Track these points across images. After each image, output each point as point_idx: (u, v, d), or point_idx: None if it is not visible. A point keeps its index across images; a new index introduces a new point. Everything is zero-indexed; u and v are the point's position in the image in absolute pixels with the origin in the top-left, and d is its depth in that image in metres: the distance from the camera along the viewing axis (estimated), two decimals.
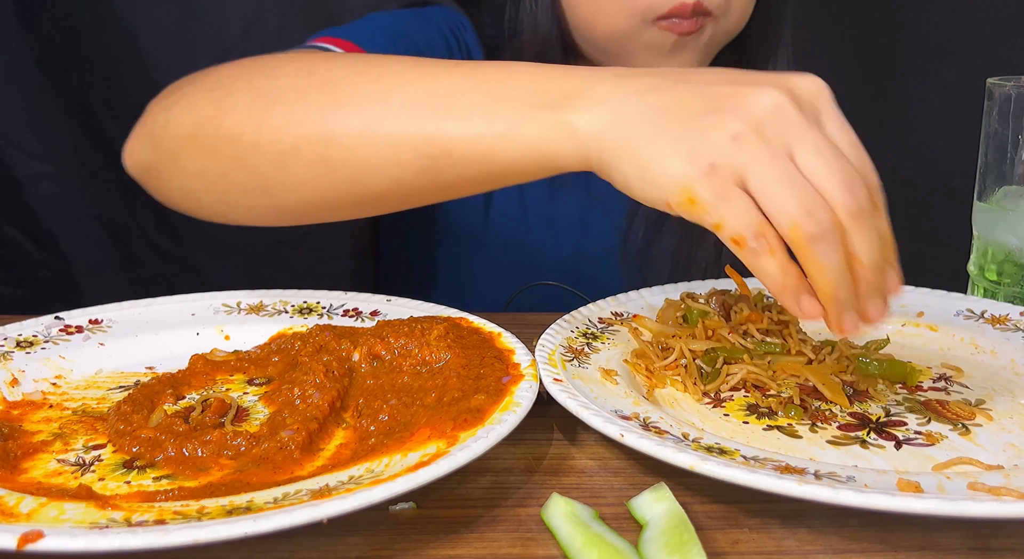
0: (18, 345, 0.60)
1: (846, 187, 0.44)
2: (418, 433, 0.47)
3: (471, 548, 0.42)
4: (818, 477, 0.43)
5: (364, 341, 0.58)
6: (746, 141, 0.44)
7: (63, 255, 1.16)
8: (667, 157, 0.45)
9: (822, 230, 0.44)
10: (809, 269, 0.45)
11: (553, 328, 0.61)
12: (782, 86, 0.46)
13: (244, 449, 0.49)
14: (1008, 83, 0.70)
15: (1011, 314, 0.67)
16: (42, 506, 0.41)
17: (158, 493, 0.43)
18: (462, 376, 0.53)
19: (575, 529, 0.42)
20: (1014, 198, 0.72)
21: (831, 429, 0.53)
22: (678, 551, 0.39)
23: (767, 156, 0.44)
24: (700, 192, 0.44)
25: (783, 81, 0.47)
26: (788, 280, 0.46)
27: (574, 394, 0.51)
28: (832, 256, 0.45)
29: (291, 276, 0.87)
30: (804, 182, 0.44)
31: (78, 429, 0.52)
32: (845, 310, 0.47)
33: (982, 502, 0.40)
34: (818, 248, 0.44)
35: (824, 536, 0.43)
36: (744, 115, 0.45)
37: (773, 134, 0.44)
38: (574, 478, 0.49)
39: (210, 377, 0.59)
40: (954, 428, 0.53)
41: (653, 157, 0.46)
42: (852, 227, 0.45)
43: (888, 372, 0.59)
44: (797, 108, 0.45)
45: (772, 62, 0.89)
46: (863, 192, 0.45)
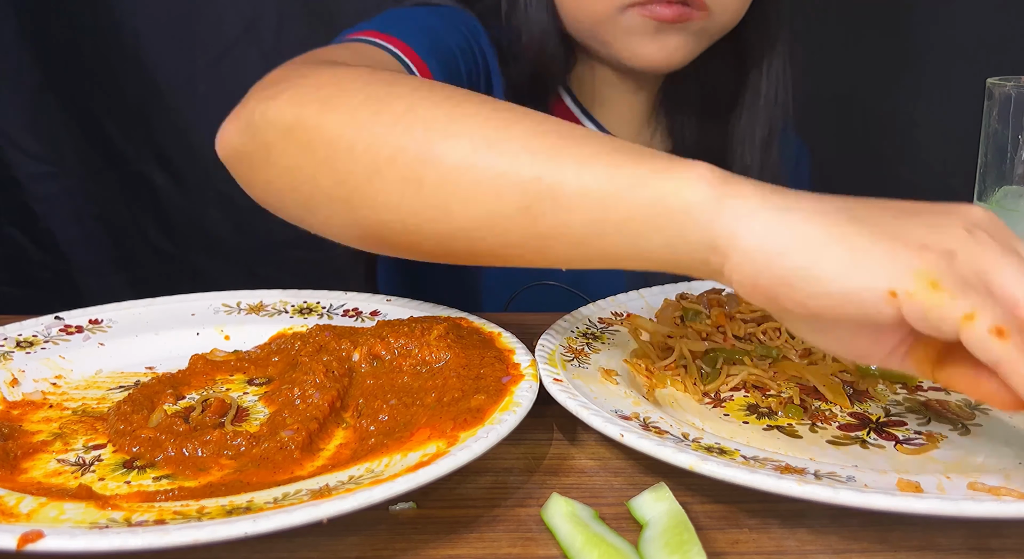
0: (18, 345, 0.60)
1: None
2: (418, 433, 0.47)
3: (471, 548, 0.42)
4: (818, 477, 0.43)
5: (364, 341, 0.58)
6: (980, 236, 0.41)
7: (63, 255, 1.16)
8: (889, 244, 0.40)
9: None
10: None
11: (553, 328, 0.61)
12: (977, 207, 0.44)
13: (244, 449, 0.49)
14: (1008, 83, 0.70)
15: None
16: (42, 506, 0.41)
17: (158, 493, 0.43)
18: (462, 376, 0.53)
19: (575, 529, 0.42)
20: (1014, 198, 0.72)
21: (831, 429, 0.53)
22: (678, 551, 0.39)
23: (1002, 249, 0.40)
24: (945, 281, 0.39)
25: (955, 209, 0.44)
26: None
27: (574, 394, 0.51)
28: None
29: (291, 276, 0.87)
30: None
31: (78, 429, 0.52)
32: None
33: (982, 502, 0.40)
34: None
35: (824, 536, 0.43)
36: (967, 217, 0.42)
37: (998, 236, 0.42)
38: (574, 478, 0.49)
39: (210, 377, 0.59)
40: (954, 428, 0.53)
41: (871, 244, 0.40)
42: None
43: (888, 372, 0.59)
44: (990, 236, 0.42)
45: (769, 59, 0.89)
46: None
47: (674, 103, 0.94)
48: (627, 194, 0.44)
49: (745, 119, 0.90)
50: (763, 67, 0.89)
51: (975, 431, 0.53)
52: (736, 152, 0.91)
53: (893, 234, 0.40)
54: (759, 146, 0.90)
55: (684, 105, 0.94)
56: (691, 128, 0.94)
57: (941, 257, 0.39)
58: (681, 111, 0.94)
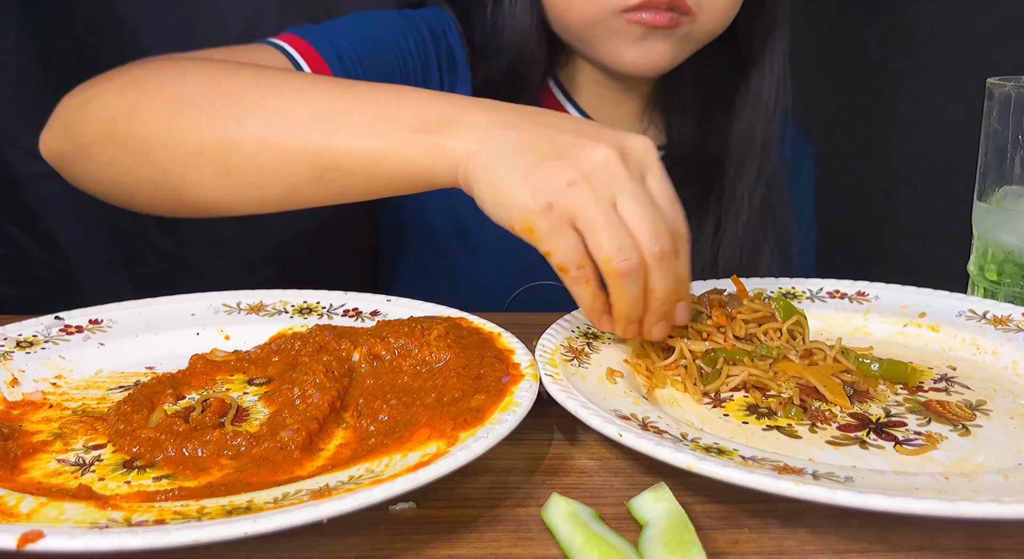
0: (18, 345, 0.60)
1: (654, 234, 0.53)
2: (418, 433, 0.47)
3: (471, 548, 0.42)
4: (816, 477, 0.43)
5: (364, 341, 0.58)
6: (578, 188, 0.53)
7: (64, 255, 1.16)
8: (516, 190, 0.54)
9: (629, 267, 0.53)
10: (612, 295, 0.55)
11: (553, 328, 0.61)
12: (615, 144, 0.55)
13: (244, 449, 0.49)
14: (1008, 83, 0.70)
15: (1013, 315, 0.67)
16: (42, 506, 0.41)
17: (158, 493, 0.43)
18: (462, 376, 0.53)
19: (575, 529, 0.42)
20: (1014, 198, 0.72)
21: (831, 429, 0.53)
22: (678, 551, 0.39)
23: (593, 202, 0.53)
24: (538, 225, 0.53)
25: (617, 139, 0.55)
26: (596, 304, 0.56)
27: (573, 394, 0.51)
28: (632, 288, 0.54)
29: (291, 276, 0.87)
30: (620, 226, 0.53)
31: (78, 429, 0.52)
32: (630, 324, 0.57)
33: (981, 503, 0.40)
34: (623, 281, 0.54)
35: (824, 536, 0.43)
36: (580, 165, 0.54)
37: (600, 183, 0.53)
38: (574, 478, 0.49)
39: (210, 377, 0.59)
40: (954, 429, 0.53)
41: (505, 188, 0.54)
42: (653, 267, 0.54)
43: (888, 373, 0.59)
44: (624, 164, 0.54)
45: (769, 60, 0.89)
46: (668, 239, 0.54)
47: (669, 102, 0.94)
48: (390, 159, 0.58)
49: (745, 121, 0.90)
50: (763, 68, 0.89)
51: (975, 432, 0.53)
52: (736, 154, 0.91)
53: (523, 178, 0.54)
54: (759, 148, 0.90)
55: (679, 104, 0.94)
56: (687, 128, 0.93)
57: (539, 205, 0.53)
58: (676, 110, 0.94)
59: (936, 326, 0.67)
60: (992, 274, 0.74)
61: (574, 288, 0.55)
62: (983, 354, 0.64)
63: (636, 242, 0.53)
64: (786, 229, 0.95)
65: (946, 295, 0.71)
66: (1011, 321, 0.66)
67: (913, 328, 0.68)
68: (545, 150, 0.55)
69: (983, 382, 0.60)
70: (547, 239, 0.53)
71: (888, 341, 0.67)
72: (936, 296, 0.71)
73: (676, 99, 0.93)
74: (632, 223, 0.53)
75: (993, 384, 0.60)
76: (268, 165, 0.61)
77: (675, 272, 0.55)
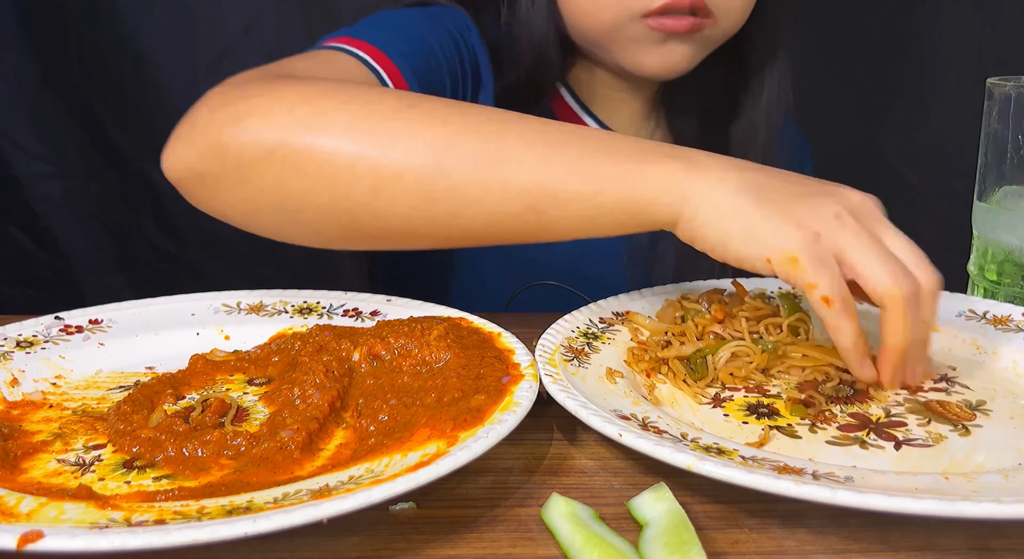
0: (18, 345, 0.60)
1: (927, 265, 0.54)
2: (418, 433, 0.47)
3: (471, 548, 0.42)
4: (816, 477, 0.43)
5: (364, 341, 0.58)
6: (846, 221, 0.53)
7: (63, 255, 1.16)
8: (776, 221, 0.52)
9: (911, 292, 0.52)
10: (889, 325, 0.53)
11: (553, 328, 0.61)
12: (858, 191, 0.55)
13: (244, 449, 0.49)
14: (1008, 83, 0.70)
15: (1013, 315, 0.67)
16: (42, 506, 0.41)
17: (158, 493, 0.43)
18: (462, 376, 0.53)
19: (575, 529, 0.42)
20: (1014, 198, 0.72)
21: (831, 429, 0.53)
22: (678, 551, 0.39)
23: (864, 234, 0.53)
24: (803, 256, 0.52)
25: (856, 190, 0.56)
26: (859, 342, 0.54)
27: (573, 394, 0.51)
28: (909, 316, 0.53)
29: (291, 276, 0.87)
30: (894, 257, 0.53)
31: (78, 429, 0.52)
32: (899, 366, 0.55)
33: (981, 503, 0.40)
34: (907, 306, 0.52)
35: (824, 536, 0.43)
36: (843, 201, 0.54)
37: (864, 220, 0.53)
38: (574, 478, 0.49)
39: (210, 377, 0.59)
40: (954, 429, 0.53)
41: (763, 219, 0.53)
42: (930, 297, 0.54)
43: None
44: (877, 207, 0.55)
45: (772, 61, 0.89)
46: (940, 277, 0.54)
47: (674, 103, 0.94)
48: (611, 190, 0.55)
49: (747, 121, 0.90)
50: (765, 69, 0.89)
51: (975, 432, 0.53)
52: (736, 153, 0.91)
53: (781, 212, 0.53)
54: (761, 148, 0.90)
55: (684, 106, 0.93)
56: (692, 129, 0.93)
57: (806, 236, 0.52)
58: (682, 111, 0.94)
59: (936, 326, 0.67)
60: (992, 274, 0.74)
61: (838, 323, 0.53)
62: (983, 354, 0.64)
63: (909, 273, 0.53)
64: None
65: (946, 295, 0.70)
66: (1011, 321, 0.66)
67: None
68: (796, 189, 0.54)
69: (983, 382, 0.60)
70: (813, 270, 0.51)
71: None
72: None
73: (682, 101, 0.93)
74: (903, 255, 0.53)
75: (993, 384, 0.60)
76: (477, 194, 0.56)
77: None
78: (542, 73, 0.85)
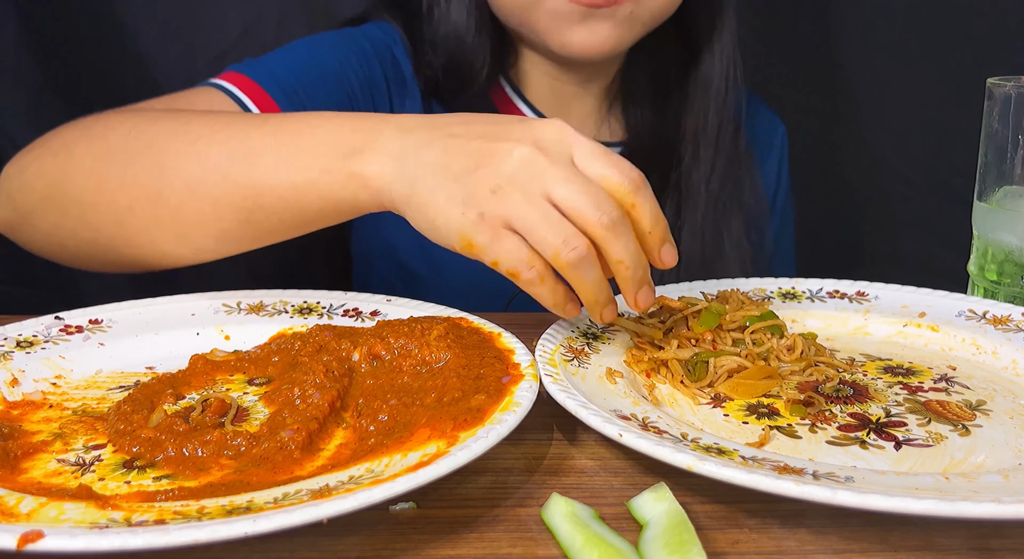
0: (18, 345, 0.60)
1: (595, 206, 0.52)
2: (418, 433, 0.47)
3: (471, 548, 0.42)
4: (817, 478, 0.43)
5: (364, 341, 0.58)
6: (504, 192, 0.53)
7: None
8: (445, 210, 0.54)
9: (578, 256, 0.52)
10: (573, 285, 0.55)
11: (553, 328, 0.61)
12: (529, 138, 0.54)
13: (244, 449, 0.49)
14: (1008, 83, 0.70)
15: (1013, 315, 0.67)
16: (42, 506, 0.41)
17: (158, 493, 0.43)
18: (462, 376, 0.53)
19: (575, 529, 0.42)
20: (1014, 198, 0.72)
21: (831, 429, 0.53)
22: (678, 551, 0.39)
23: (524, 202, 0.52)
24: (475, 238, 0.53)
25: (529, 132, 0.55)
26: (557, 298, 0.55)
27: (573, 394, 0.51)
28: (589, 273, 0.54)
29: (291, 276, 0.87)
30: (559, 217, 0.52)
31: (78, 429, 0.52)
32: (604, 307, 0.57)
33: (981, 503, 0.40)
34: (577, 270, 0.53)
35: (824, 536, 0.43)
36: (499, 170, 0.53)
37: (525, 181, 0.53)
38: (574, 478, 0.49)
39: (210, 377, 0.59)
40: (954, 429, 0.53)
41: (434, 211, 0.54)
42: (608, 238, 0.53)
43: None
44: (543, 154, 0.53)
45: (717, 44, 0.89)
46: (612, 206, 0.53)
47: (626, 94, 0.94)
48: (311, 194, 0.59)
49: (697, 108, 0.90)
50: (712, 53, 0.89)
51: (975, 432, 0.53)
52: (689, 142, 0.91)
53: (448, 198, 0.54)
54: (712, 134, 0.90)
55: (636, 96, 0.94)
56: (645, 119, 0.94)
57: (468, 219, 0.53)
58: (634, 102, 0.94)
59: (936, 326, 0.67)
60: (992, 274, 0.74)
61: (531, 290, 0.55)
62: (983, 354, 0.64)
63: (581, 224, 0.52)
64: (756, 217, 0.95)
65: (946, 295, 0.71)
66: (1011, 321, 0.66)
67: (913, 328, 0.68)
68: (461, 164, 0.55)
69: (983, 382, 0.60)
70: (489, 249, 0.53)
71: (888, 341, 0.67)
72: (936, 296, 0.71)
73: (633, 91, 0.94)
74: (570, 206, 0.52)
75: (993, 384, 0.60)
76: (194, 214, 0.61)
77: (638, 232, 0.54)
78: (464, 60, 0.86)
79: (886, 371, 0.62)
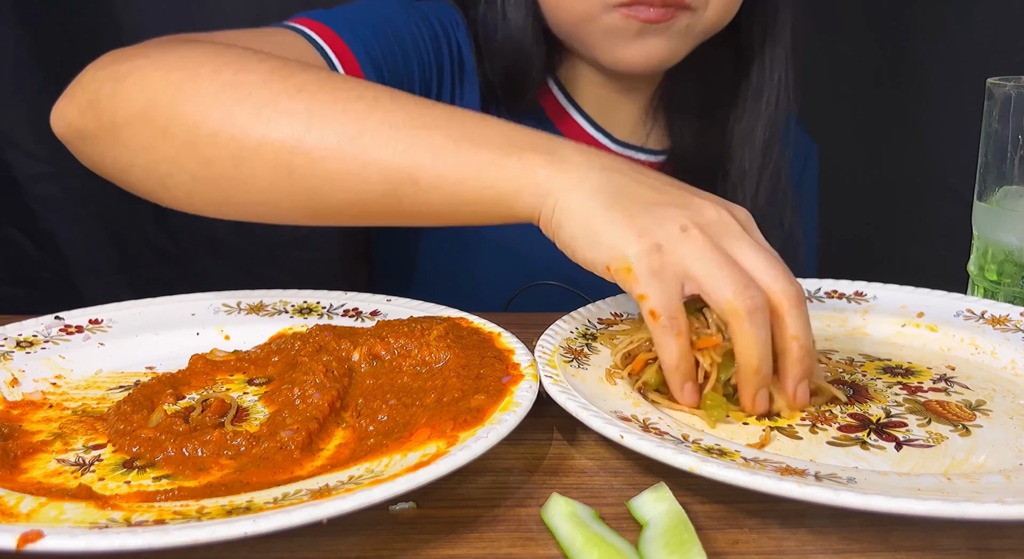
0: (18, 345, 0.59)
1: (785, 277, 0.51)
2: (418, 433, 0.47)
3: (471, 548, 0.42)
4: (819, 479, 0.43)
5: (364, 341, 0.58)
6: (692, 234, 0.51)
7: (63, 255, 1.16)
8: (620, 229, 0.51)
9: (756, 305, 0.50)
10: (739, 341, 0.51)
11: (553, 328, 0.61)
12: (723, 204, 0.54)
13: (244, 449, 0.49)
14: (1008, 83, 0.70)
15: (1011, 314, 0.67)
16: (42, 506, 0.41)
17: (158, 493, 0.43)
18: (462, 376, 0.53)
19: (575, 529, 0.42)
20: (1014, 198, 0.72)
21: (831, 430, 0.53)
22: (678, 551, 0.39)
23: (708, 247, 0.51)
24: (638, 265, 0.51)
25: (723, 201, 0.54)
26: (683, 363, 0.52)
27: (573, 395, 0.51)
28: (762, 330, 0.50)
29: (290, 276, 0.87)
30: (739, 267, 0.51)
31: (78, 429, 0.52)
32: (760, 386, 0.52)
33: (984, 504, 0.40)
34: (750, 319, 0.50)
35: (824, 536, 0.43)
36: (693, 214, 0.52)
37: (714, 234, 0.51)
38: (574, 478, 0.49)
39: (210, 377, 0.59)
40: (954, 429, 0.53)
41: (607, 225, 0.52)
42: (792, 310, 0.51)
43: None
44: (735, 221, 0.53)
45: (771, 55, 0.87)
46: (799, 285, 0.52)
47: (673, 102, 0.93)
48: (473, 180, 0.54)
49: (746, 120, 0.89)
50: (764, 66, 0.87)
51: (975, 432, 0.53)
52: (736, 154, 0.89)
53: (628, 218, 0.52)
54: (760, 148, 0.89)
55: (683, 105, 0.92)
56: (690, 129, 0.92)
57: (644, 246, 0.51)
58: (680, 111, 0.93)
59: (934, 326, 0.67)
60: (992, 274, 0.74)
61: (663, 340, 0.51)
62: (982, 354, 0.64)
63: (766, 285, 0.51)
64: (792, 236, 0.93)
65: (944, 295, 0.71)
66: (1009, 321, 0.66)
67: (911, 328, 0.68)
68: (652, 197, 0.53)
69: (982, 382, 0.60)
70: (645, 281, 0.50)
71: (886, 341, 0.67)
72: (934, 296, 0.71)
73: (680, 100, 0.92)
74: (756, 269, 0.51)
75: (992, 384, 0.60)
76: (337, 171, 0.55)
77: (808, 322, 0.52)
78: (521, 67, 0.84)
79: (885, 371, 0.62)
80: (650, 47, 0.78)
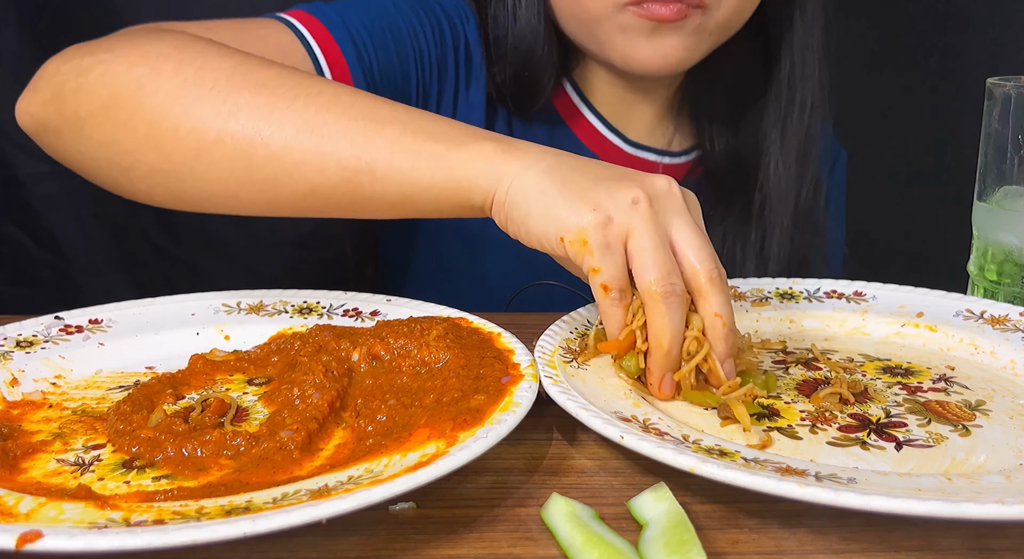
0: (18, 345, 0.60)
1: (711, 260, 0.53)
2: (417, 433, 0.47)
3: (471, 548, 0.42)
4: (819, 479, 0.43)
5: (364, 341, 0.58)
6: (641, 207, 0.52)
7: (63, 255, 1.16)
8: (574, 202, 0.53)
9: (673, 291, 0.52)
10: (653, 323, 0.53)
11: (553, 328, 0.61)
12: (673, 182, 0.55)
13: (243, 449, 0.49)
14: (1008, 83, 0.70)
15: (1011, 314, 0.67)
16: (41, 506, 0.41)
17: (157, 493, 0.43)
18: (461, 376, 0.53)
19: (575, 529, 0.42)
20: (1014, 198, 0.72)
21: (831, 430, 0.53)
22: (678, 551, 0.39)
23: (651, 224, 0.52)
24: (592, 237, 0.52)
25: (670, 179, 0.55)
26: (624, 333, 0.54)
27: (573, 395, 0.51)
28: (675, 315, 0.52)
29: (291, 276, 0.87)
30: (669, 253, 0.53)
31: (78, 429, 0.52)
32: (668, 367, 0.54)
33: (985, 504, 0.40)
34: (666, 303, 0.52)
35: (824, 536, 0.43)
36: (645, 187, 0.54)
37: (660, 208, 0.53)
38: (574, 478, 0.49)
39: (210, 377, 0.59)
40: (954, 429, 0.53)
41: (562, 199, 0.53)
42: (714, 289, 0.53)
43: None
44: (682, 198, 0.55)
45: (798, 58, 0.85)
46: (722, 268, 0.54)
47: (696, 106, 0.91)
48: (428, 168, 0.56)
49: (777, 127, 0.86)
50: (793, 67, 0.85)
51: (975, 432, 0.53)
52: (771, 163, 0.87)
53: (581, 192, 0.53)
54: (795, 157, 0.86)
55: (708, 108, 0.90)
56: (719, 134, 0.90)
57: (598, 218, 0.52)
58: (706, 115, 0.91)
59: (934, 326, 0.67)
60: (992, 274, 0.74)
61: (610, 310, 0.54)
62: (981, 354, 0.64)
63: (690, 266, 0.53)
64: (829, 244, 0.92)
65: (943, 295, 0.71)
66: (1008, 321, 0.66)
67: (911, 328, 0.68)
68: (605, 173, 0.55)
69: (982, 382, 0.60)
70: (599, 254, 0.52)
71: (886, 341, 0.67)
72: (933, 296, 0.71)
73: (705, 103, 0.90)
74: (686, 249, 0.53)
75: (992, 384, 0.59)
76: (295, 162, 0.57)
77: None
78: (533, 71, 0.83)
79: (885, 371, 0.62)
80: (666, 47, 0.77)
